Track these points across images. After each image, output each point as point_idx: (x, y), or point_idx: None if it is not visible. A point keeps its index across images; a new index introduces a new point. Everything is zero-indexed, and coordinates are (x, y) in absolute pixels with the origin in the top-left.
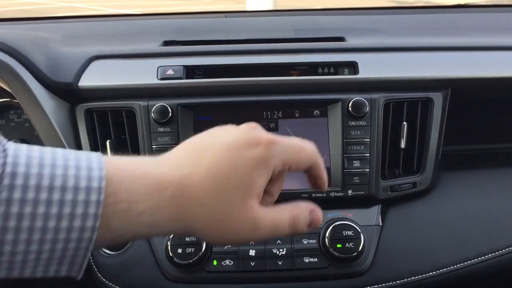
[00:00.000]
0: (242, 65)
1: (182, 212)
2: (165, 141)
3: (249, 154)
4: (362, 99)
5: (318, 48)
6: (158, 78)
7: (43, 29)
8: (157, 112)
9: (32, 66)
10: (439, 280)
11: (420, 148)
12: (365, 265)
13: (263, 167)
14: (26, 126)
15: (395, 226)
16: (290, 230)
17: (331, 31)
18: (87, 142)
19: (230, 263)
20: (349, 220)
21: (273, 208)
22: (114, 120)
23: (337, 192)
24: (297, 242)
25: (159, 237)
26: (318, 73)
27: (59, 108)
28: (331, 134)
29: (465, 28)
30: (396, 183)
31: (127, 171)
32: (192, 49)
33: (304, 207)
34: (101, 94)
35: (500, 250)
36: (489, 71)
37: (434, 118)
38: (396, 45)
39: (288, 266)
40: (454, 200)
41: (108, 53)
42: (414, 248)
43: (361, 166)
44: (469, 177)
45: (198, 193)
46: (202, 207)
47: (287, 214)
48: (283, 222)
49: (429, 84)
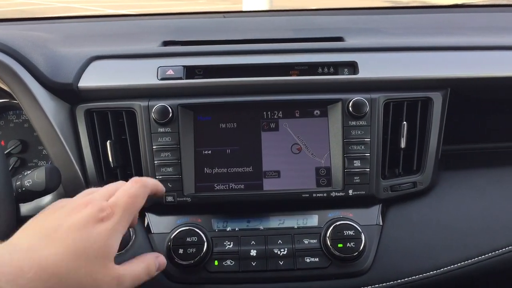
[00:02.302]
0: (242, 65)
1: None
2: (166, 141)
3: (98, 230)
4: (362, 99)
5: (317, 48)
6: (158, 78)
7: (42, 30)
8: (158, 113)
9: (32, 66)
10: (440, 279)
11: (420, 147)
12: (366, 265)
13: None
14: (26, 127)
15: (396, 225)
16: (146, 276)
17: (329, 31)
18: (87, 143)
19: (231, 263)
20: (349, 219)
21: (128, 263)
22: (114, 120)
23: (338, 192)
24: (298, 242)
25: (159, 238)
26: (318, 73)
27: (59, 109)
28: (332, 134)
29: (463, 27)
30: (396, 182)
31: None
32: (192, 49)
33: (151, 256)
34: (101, 94)
35: (500, 249)
36: (488, 71)
37: (434, 117)
38: (396, 45)
39: (289, 266)
40: (454, 199)
41: (108, 53)
42: (414, 248)
43: (362, 165)
44: (469, 176)
45: (61, 270)
46: (68, 282)
47: (141, 265)
48: (140, 272)
49: (428, 83)
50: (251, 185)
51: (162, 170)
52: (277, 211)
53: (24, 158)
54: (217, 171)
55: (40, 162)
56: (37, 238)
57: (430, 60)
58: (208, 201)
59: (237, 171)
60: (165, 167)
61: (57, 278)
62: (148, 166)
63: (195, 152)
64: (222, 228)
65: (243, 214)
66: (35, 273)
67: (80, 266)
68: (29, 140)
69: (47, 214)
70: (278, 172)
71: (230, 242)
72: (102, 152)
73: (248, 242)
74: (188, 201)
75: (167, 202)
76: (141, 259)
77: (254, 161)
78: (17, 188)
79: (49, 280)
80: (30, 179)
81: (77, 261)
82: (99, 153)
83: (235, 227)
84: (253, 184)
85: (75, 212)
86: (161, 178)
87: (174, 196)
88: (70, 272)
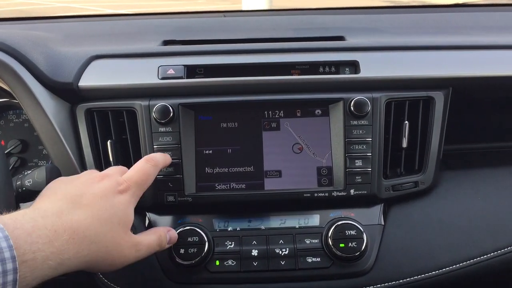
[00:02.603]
0: (243, 64)
1: (81, 250)
2: (167, 141)
3: (118, 200)
4: (364, 98)
5: (318, 47)
6: (159, 78)
7: (43, 29)
8: (158, 112)
9: (32, 66)
10: (442, 279)
11: (421, 147)
12: (368, 265)
13: (130, 206)
14: (26, 126)
15: (397, 225)
16: (158, 247)
17: (330, 30)
18: (87, 142)
19: (232, 263)
20: (351, 219)
21: (143, 234)
22: (114, 120)
23: (340, 192)
24: (299, 242)
25: None
26: (319, 72)
27: (59, 108)
28: (333, 134)
29: (465, 27)
30: (398, 182)
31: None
32: (192, 48)
33: (163, 229)
34: (101, 94)
35: (503, 249)
36: (490, 70)
37: (436, 117)
38: (397, 44)
39: (290, 266)
40: (456, 199)
41: (108, 52)
42: (416, 247)
43: (363, 165)
44: (471, 176)
45: (91, 233)
46: (98, 244)
47: (154, 236)
48: (153, 242)
49: (430, 83)
50: (252, 184)
51: (163, 170)
52: (278, 211)
53: (24, 158)
54: (218, 170)
55: (40, 161)
56: (65, 204)
57: (432, 59)
58: (209, 201)
59: (238, 170)
60: (166, 167)
61: (88, 240)
62: None
63: (196, 152)
64: (223, 228)
65: (244, 214)
66: (69, 235)
67: (106, 231)
68: (29, 139)
69: (66, 183)
70: (279, 171)
71: (231, 242)
72: (102, 152)
73: (250, 242)
74: (189, 201)
75: (168, 201)
76: (153, 231)
77: (255, 161)
78: (18, 188)
79: (82, 242)
80: (31, 179)
81: (104, 226)
82: (99, 152)
83: (236, 227)
84: (254, 183)
85: (95, 182)
86: (162, 177)
87: (175, 195)
88: (99, 235)
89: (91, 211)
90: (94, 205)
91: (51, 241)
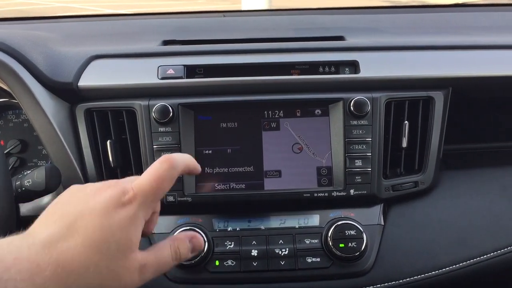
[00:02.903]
0: (243, 64)
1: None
2: (166, 141)
3: (120, 216)
4: (363, 98)
5: (318, 47)
6: (159, 78)
7: (42, 29)
8: (158, 112)
9: (32, 65)
10: (442, 279)
11: (421, 147)
12: (367, 265)
13: (135, 223)
14: (25, 126)
15: (397, 225)
16: (175, 261)
17: (330, 30)
18: (87, 142)
19: (232, 264)
20: (351, 219)
21: (153, 248)
22: (114, 120)
23: (339, 192)
24: (299, 242)
25: (160, 238)
26: (319, 72)
27: (58, 108)
28: (333, 133)
29: (465, 27)
30: (398, 182)
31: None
32: (192, 48)
33: (182, 237)
34: (101, 93)
35: (502, 249)
36: (490, 70)
37: (435, 116)
38: (397, 44)
39: (290, 266)
40: (456, 199)
41: (108, 52)
42: (416, 247)
43: (363, 165)
44: (471, 176)
45: (80, 266)
46: (87, 278)
47: (167, 250)
48: (166, 259)
49: (430, 82)
50: (252, 184)
51: None
52: (278, 211)
53: (24, 158)
54: (218, 170)
55: (40, 161)
56: (58, 228)
57: (432, 59)
58: (209, 201)
59: (238, 170)
60: None
61: (76, 275)
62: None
63: (196, 152)
64: (223, 228)
65: (244, 214)
66: (53, 271)
67: (99, 260)
68: (28, 139)
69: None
70: (279, 171)
71: (231, 242)
72: (102, 152)
73: (249, 242)
74: (188, 201)
75: (168, 202)
76: (166, 245)
77: (255, 161)
78: (17, 188)
79: (68, 278)
80: (30, 179)
81: (96, 255)
82: (99, 152)
83: (236, 227)
84: (254, 183)
85: (97, 194)
86: None
87: (175, 196)
88: (89, 268)
89: (83, 237)
90: (88, 228)
91: (32, 276)
